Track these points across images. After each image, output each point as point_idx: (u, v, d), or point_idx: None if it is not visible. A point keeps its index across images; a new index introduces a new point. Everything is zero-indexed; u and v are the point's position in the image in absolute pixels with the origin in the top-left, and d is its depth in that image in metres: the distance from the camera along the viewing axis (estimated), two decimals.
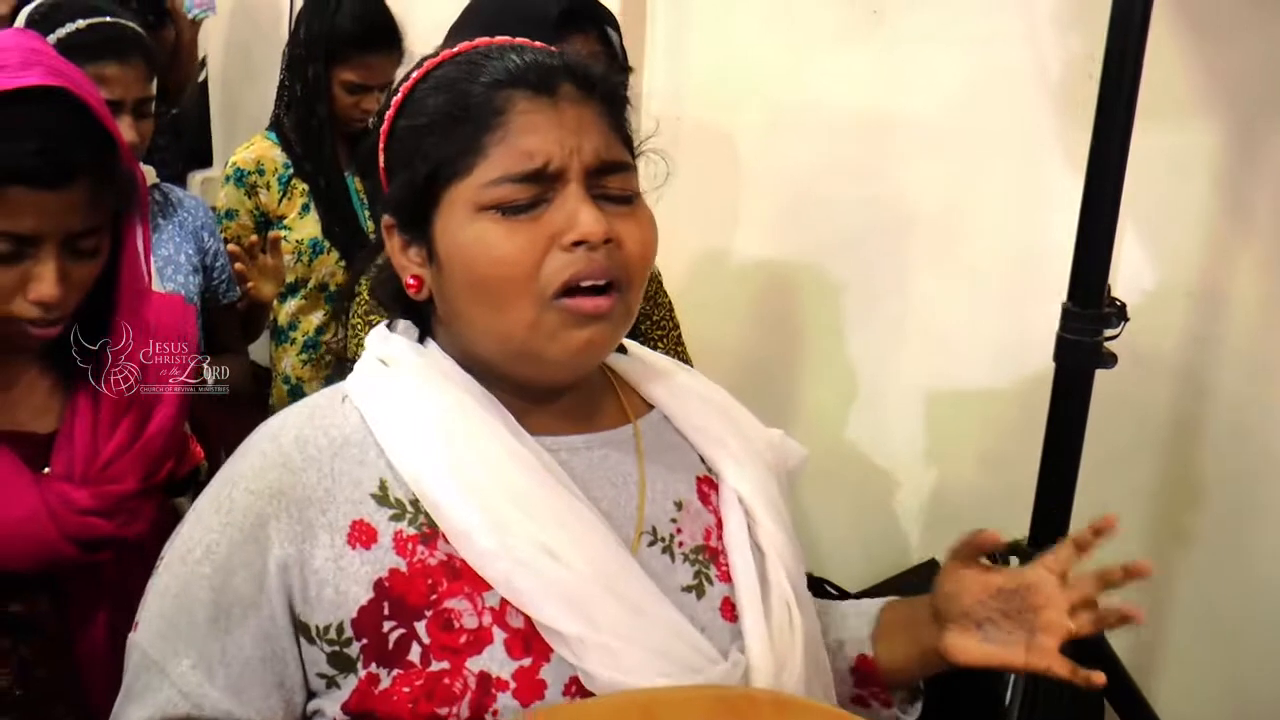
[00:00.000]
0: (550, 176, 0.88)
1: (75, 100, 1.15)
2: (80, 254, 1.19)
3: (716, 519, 1.00)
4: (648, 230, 0.93)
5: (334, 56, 2.38)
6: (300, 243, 2.41)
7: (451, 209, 0.89)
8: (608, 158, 0.90)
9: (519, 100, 0.89)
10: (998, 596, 0.99)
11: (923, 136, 2.13)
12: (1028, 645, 0.97)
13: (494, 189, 0.88)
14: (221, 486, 0.93)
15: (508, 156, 0.87)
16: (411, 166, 0.91)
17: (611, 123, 0.93)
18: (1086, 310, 1.49)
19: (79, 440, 1.23)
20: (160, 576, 0.94)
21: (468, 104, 0.89)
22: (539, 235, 0.87)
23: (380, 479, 0.91)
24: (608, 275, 0.88)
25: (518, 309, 0.88)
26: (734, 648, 0.93)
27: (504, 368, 0.93)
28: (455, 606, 0.87)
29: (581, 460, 0.96)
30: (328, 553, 0.88)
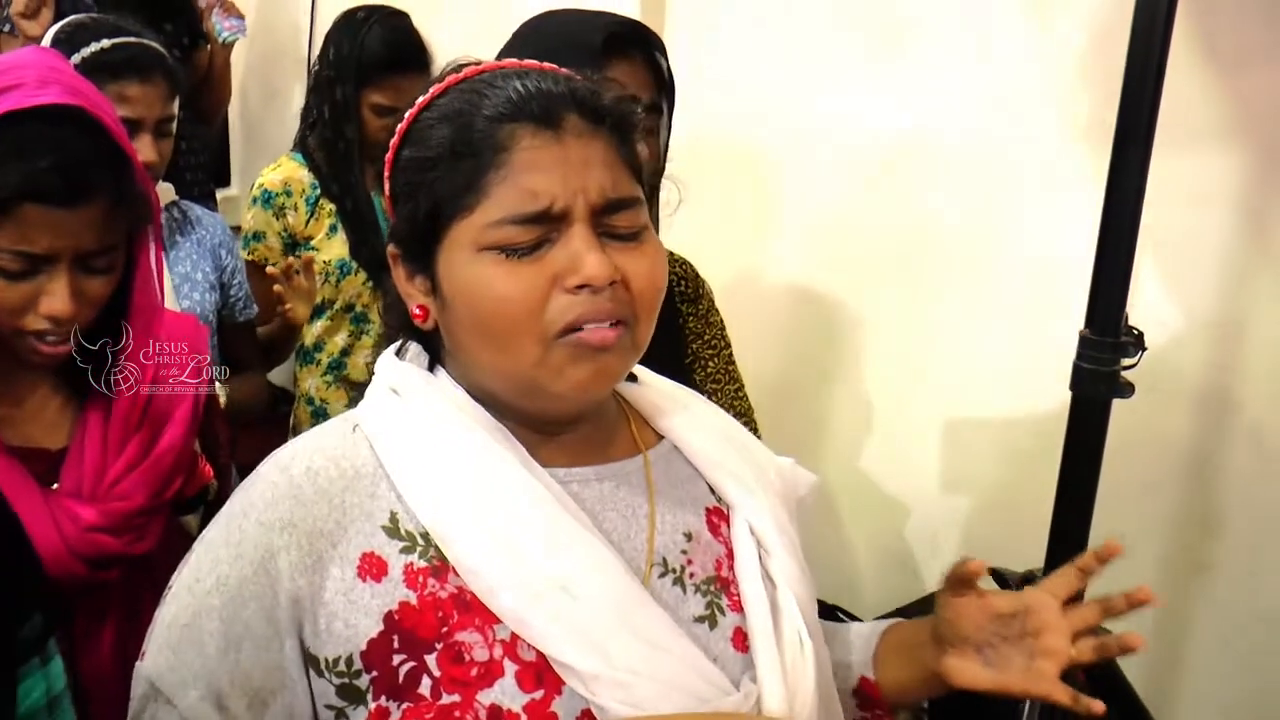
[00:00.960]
0: (554, 217, 0.84)
1: (91, 120, 1.13)
2: (93, 271, 1.17)
3: (727, 549, 0.98)
4: (656, 265, 0.89)
5: (363, 78, 2.35)
6: (328, 263, 2.39)
7: (454, 246, 0.87)
8: (614, 195, 0.87)
9: (522, 136, 0.85)
10: (997, 621, 0.96)
11: (944, 162, 2.09)
12: (1027, 670, 0.95)
13: (496, 230, 0.84)
14: (232, 517, 0.90)
15: (510, 197, 0.84)
16: (414, 200, 0.88)
17: (620, 154, 0.89)
18: (1104, 338, 1.44)
19: (88, 457, 1.22)
20: (168, 606, 0.91)
21: (470, 139, 0.86)
22: (542, 276, 0.84)
23: (391, 511, 0.89)
24: (613, 316, 0.86)
25: (522, 348, 0.85)
26: (745, 678, 0.91)
27: (512, 402, 0.91)
28: (466, 639, 0.85)
29: (592, 492, 0.93)
30: (338, 585, 0.86)
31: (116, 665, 1.22)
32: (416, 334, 0.96)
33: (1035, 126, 1.96)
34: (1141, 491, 1.85)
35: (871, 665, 1.07)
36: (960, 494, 2.16)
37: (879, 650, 1.08)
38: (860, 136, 2.19)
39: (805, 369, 2.37)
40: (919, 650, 1.03)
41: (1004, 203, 2.02)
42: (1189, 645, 1.87)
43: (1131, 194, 1.41)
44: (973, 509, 2.15)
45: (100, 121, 1.13)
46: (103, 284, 1.18)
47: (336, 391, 2.48)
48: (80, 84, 1.16)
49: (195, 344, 1.33)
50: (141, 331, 1.23)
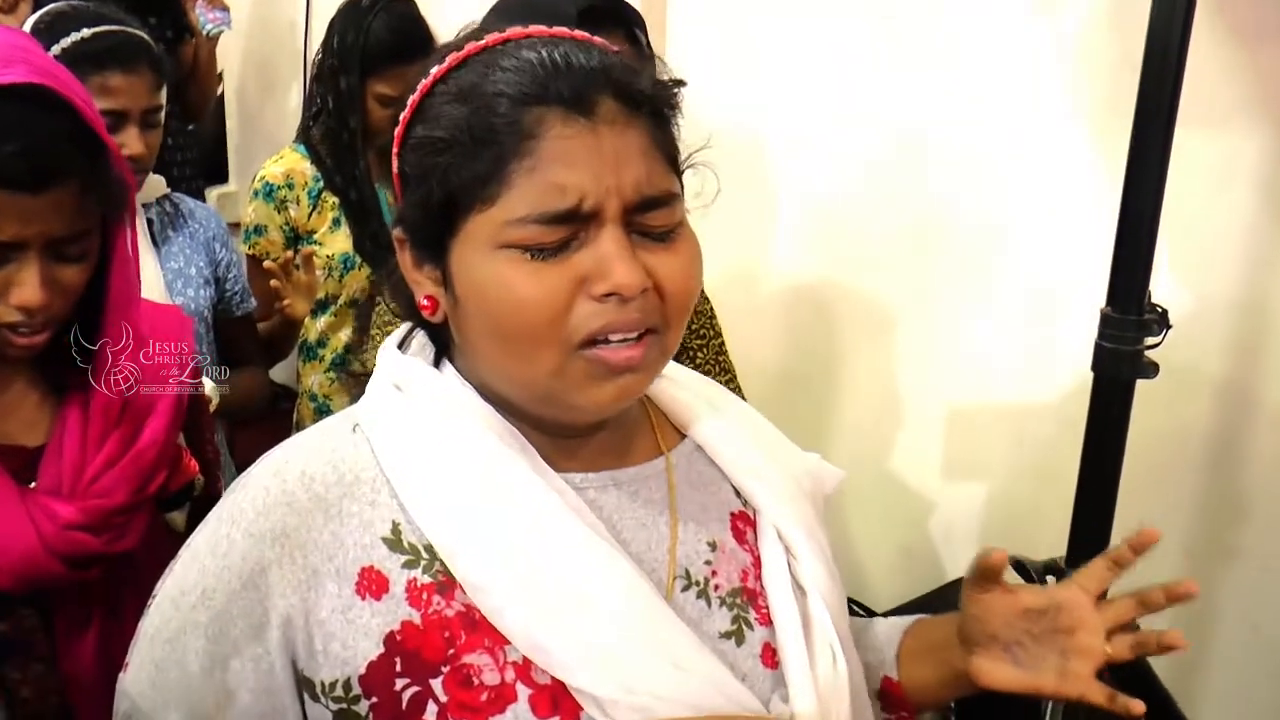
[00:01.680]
0: (583, 216, 0.75)
1: (60, 100, 1.06)
2: (66, 259, 1.10)
3: (753, 557, 0.91)
4: (690, 265, 0.80)
5: (368, 68, 2.28)
6: (331, 258, 2.33)
7: (470, 240, 0.78)
8: (650, 192, 0.77)
9: (551, 122, 0.75)
10: (1026, 617, 0.90)
11: (956, 148, 2.03)
12: (1060, 670, 0.89)
13: (518, 228, 0.75)
14: (219, 525, 0.83)
15: (536, 191, 0.74)
16: (426, 185, 0.79)
17: (657, 145, 0.79)
18: (1126, 316, 1.36)
19: (67, 453, 1.15)
20: (151, 618, 0.85)
21: (492, 122, 0.76)
22: (566, 278, 0.75)
23: (393, 521, 0.81)
24: (641, 327, 0.77)
25: (541, 356, 0.77)
26: (775, 696, 0.85)
27: (525, 408, 0.83)
28: (475, 661, 0.77)
29: (610, 499, 0.86)
30: (334, 603, 0.79)
31: (100, 666, 1.15)
32: (423, 323, 0.88)
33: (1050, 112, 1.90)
34: (1164, 477, 1.79)
35: (894, 665, 1.00)
36: (973, 483, 2.11)
37: (902, 649, 1.01)
38: (868, 124, 2.14)
39: (812, 360, 2.32)
40: (944, 650, 0.96)
41: (1019, 188, 1.97)
42: (1217, 632, 1.81)
43: (1154, 167, 1.35)
44: (986, 498, 2.11)
45: (70, 102, 1.06)
46: (76, 272, 1.12)
47: (340, 388, 2.41)
48: (49, 64, 1.09)
49: (180, 337, 1.25)
50: (119, 322, 1.16)
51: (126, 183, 1.13)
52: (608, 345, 0.76)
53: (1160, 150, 1.34)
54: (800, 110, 2.20)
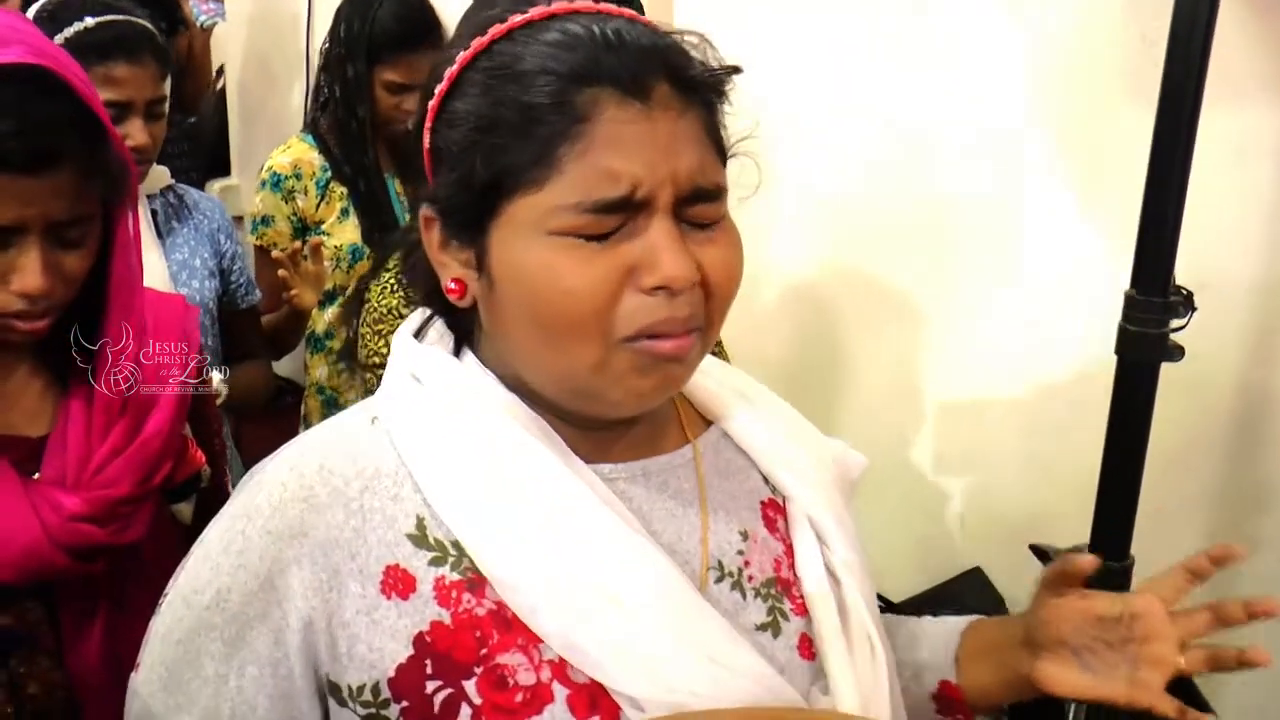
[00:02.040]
0: (635, 205, 0.72)
1: (58, 81, 1.03)
2: (67, 244, 1.07)
3: (785, 546, 0.88)
4: (734, 256, 0.77)
5: (375, 55, 2.26)
6: (339, 249, 2.30)
7: (513, 224, 0.73)
8: (703, 183, 0.74)
9: (605, 105, 0.71)
10: (1099, 624, 0.88)
11: (967, 132, 1.98)
12: (1130, 680, 0.87)
13: (567, 215, 0.71)
14: (234, 521, 0.79)
15: (588, 177, 0.71)
16: (468, 164, 0.74)
17: (708, 133, 0.76)
18: (1151, 298, 1.32)
19: (71, 444, 1.12)
20: (163, 617, 0.81)
21: (542, 101, 0.72)
22: (615, 268, 0.72)
23: (417, 516, 0.77)
24: (689, 324, 0.74)
25: (583, 349, 0.73)
26: (815, 689, 0.82)
27: (557, 401, 0.79)
28: (509, 661, 0.74)
29: (639, 490, 0.82)
30: (359, 604, 0.75)
31: (107, 660, 1.13)
32: (443, 309, 0.84)
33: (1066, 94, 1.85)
34: (1182, 464, 1.74)
35: (953, 668, 0.97)
36: (990, 471, 2.08)
37: (961, 652, 0.97)
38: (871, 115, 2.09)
39: (819, 352, 2.28)
40: (1007, 653, 0.93)
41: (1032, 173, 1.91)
42: None
43: (1180, 147, 1.31)
44: (1002, 486, 2.06)
45: (69, 84, 1.03)
46: (78, 259, 1.09)
47: (349, 380, 2.38)
48: (47, 45, 1.07)
49: (183, 325, 1.22)
50: (122, 310, 1.13)
51: (128, 167, 1.10)
52: (656, 339, 0.73)
53: (1187, 130, 1.30)
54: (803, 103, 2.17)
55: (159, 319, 1.20)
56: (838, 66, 2.11)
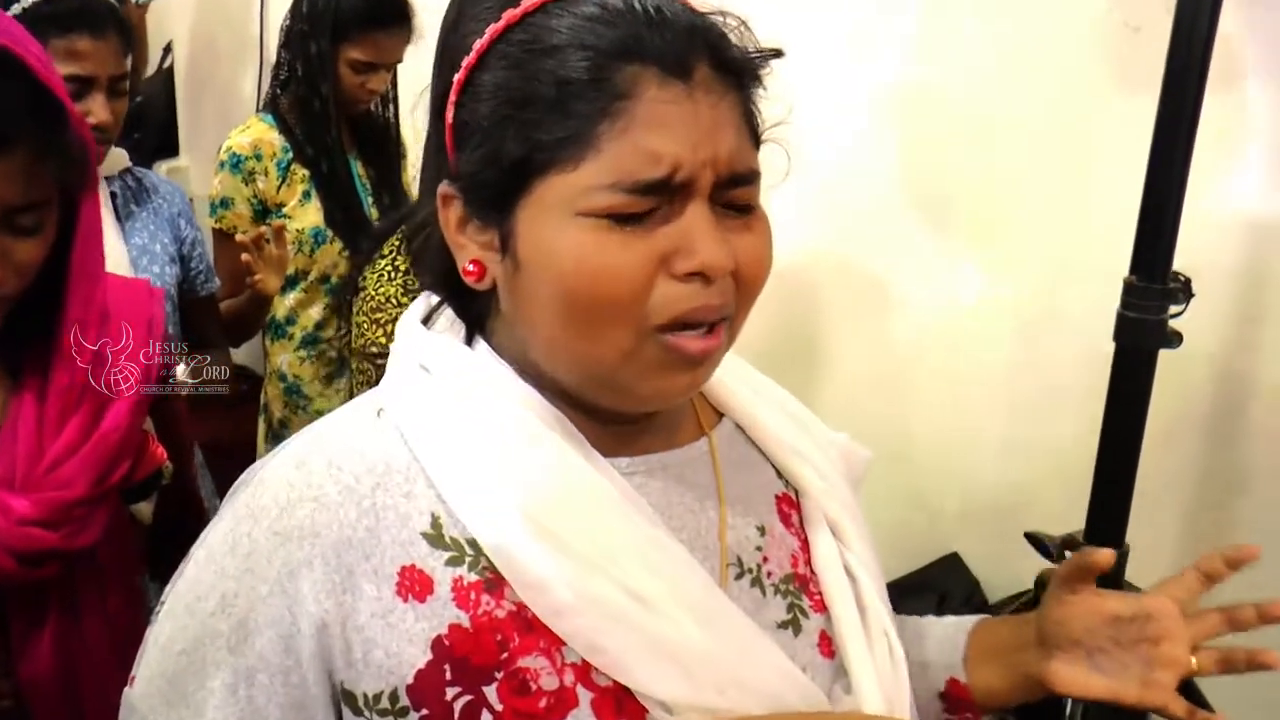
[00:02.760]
0: (674, 188, 0.68)
1: (13, 59, 0.96)
2: (20, 232, 1.00)
3: (801, 541, 0.85)
4: (766, 245, 0.74)
5: (341, 33, 2.17)
6: (301, 232, 2.22)
7: (544, 204, 0.69)
8: (741, 168, 0.71)
9: (647, 83, 0.68)
10: (1112, 624, 0.86)
11: (952, 111, 1.97)
12: (1143, 680, 0.86)
13: (604, 195, 0.68)
14: (238, 523, 0.74)
15: (628, 157, 0.67)
16: (498, 139, 0.70)
17: (745, 116, 0.73)
18: (1151, 285, 1.30)
19: (22, 441, 1.04)
20: (162, 625, 0.75)
21: (579, 76, 0.68)
22: (649, 253, 0.68)
23: (432, 514, 0.73)
24: (721, 314, 0.71)
25: (614, 336, 0.70)
26: (837, 687, 0.80)
27: (579, 391, 0.75)
28: (531, 665, 0.70)
29: (658, 484, 0.78)
30: (374, 607, 0.70)
31: (60, 669, 1.06)
32: (454, 295, 0.79)
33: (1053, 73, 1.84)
34: (1165, 449, 1.73)
35: (962, 667, 0.94)
36: (969, 457, 2.07)
37: (970, 652, 0.95)
38: (865, 87, 2.06)
39: (801, 335, 2.26)
40: (1015, 652, 0.92)
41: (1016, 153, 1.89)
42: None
43: (1182, 135, 1.30)
44: (982, 472, 2.05)
45: (24, 62, 0.96)
46: (32, 247, 1.01)
47: (311, 367, 2.31)
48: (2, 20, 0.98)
49: (148, 313, 1.15)
50: (83, 302, 1.06)
51: (88, 150, 1.03)
52: (685, 333, 0.70)
53: (1190, 118, 1.28)
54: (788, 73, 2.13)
55: (119, 308, 1.13)
56: (821, 53, 2.07)
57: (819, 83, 2.09)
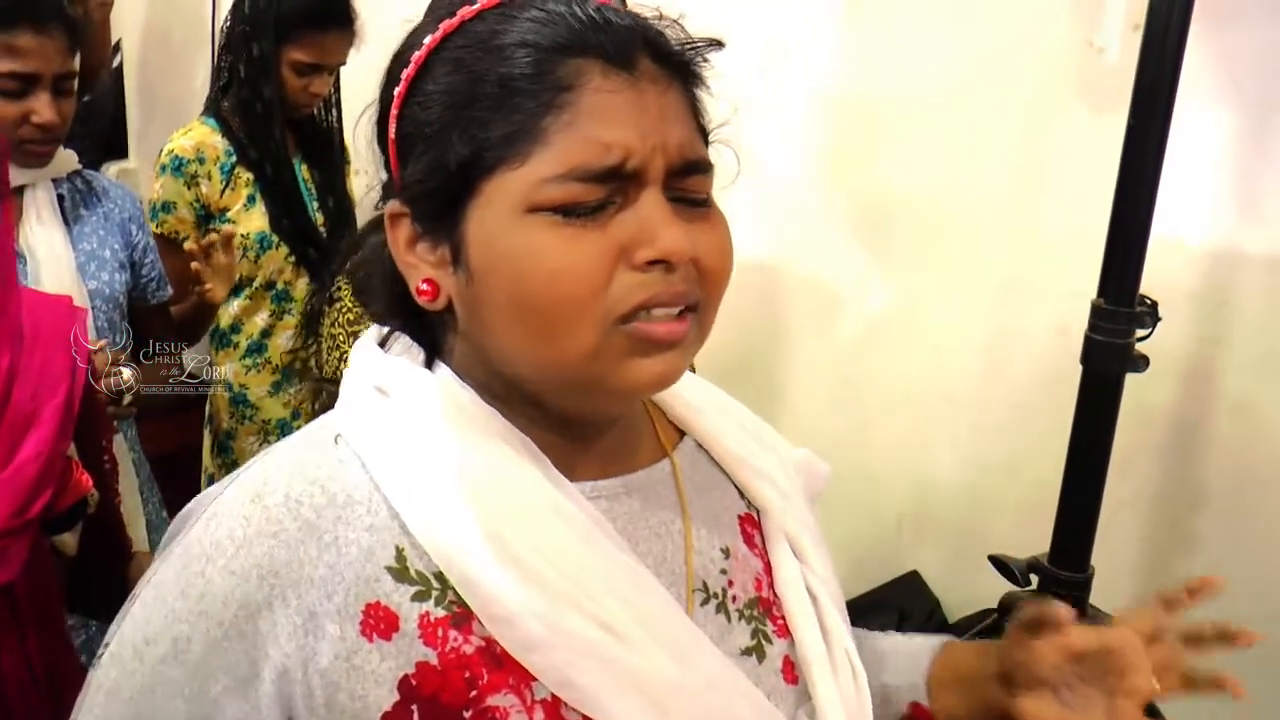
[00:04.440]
0: (626, 176, 0.67)
1: None
2: None
3: (764, 563, 0.84)
4: (726, 239, 0.73)
5: (283, 34, 2.11)
6: (246, 237, 2.16)
7: (492, 205, 0.68)
8: (692, 156, 0.70)
9: (590, 74, 0.67)
10: (1077, 661, 0.85)
11: (908, 121, 1.96)
12: (1108, 710, 0.85)
13: (555, 187, 0.66)
14: (190, 561, 0.70)
15: (576, 147, 0.66)
16: (439, 146, 0.69)
17: (692, 110, 0.73)
18: (1119, 308, 1.31)
19: None
20: (107, 670, 0.71)
21: (522, 72, 0.68)
22: (606, 246, 0.67)
23: (396, 547, 0.70)
24: (686, 300, 0.69)
25: (577, 334, 0.67)
26: (800, 713, 0.79)
27: (547, 397, 0.73)
28: (500, 703, 0.68)
29: (623, 508, 0.77)
30: (337, 648, 0.67)
31: None
32: (407, 320, 0.77)
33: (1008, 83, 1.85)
34: (1127, 463, 1.75)
35: (925, 691, 0.93)
36: (929, 473, 2.06)
37: (933, 677, 0.94)
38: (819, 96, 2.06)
39: (760, 346, 2.24)
40: (980, 685, 0.91)
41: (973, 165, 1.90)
42: None
43: (1151, 158, 1.31)
44: (941, 488, 2.05)
45: None
46: None
47: (257, 376, 2.26)
48: None
49: (68, 329, 1.09)
50: None
51: None
52: (650, 319, 0.68)
53: (1158, 141, 1.30)
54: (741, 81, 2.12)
55: (39, 324, 1.07)
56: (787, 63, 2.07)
57: (781, 95, 2.09)
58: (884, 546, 2.11)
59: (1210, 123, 1.65)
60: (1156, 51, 1.27)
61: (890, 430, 2.08)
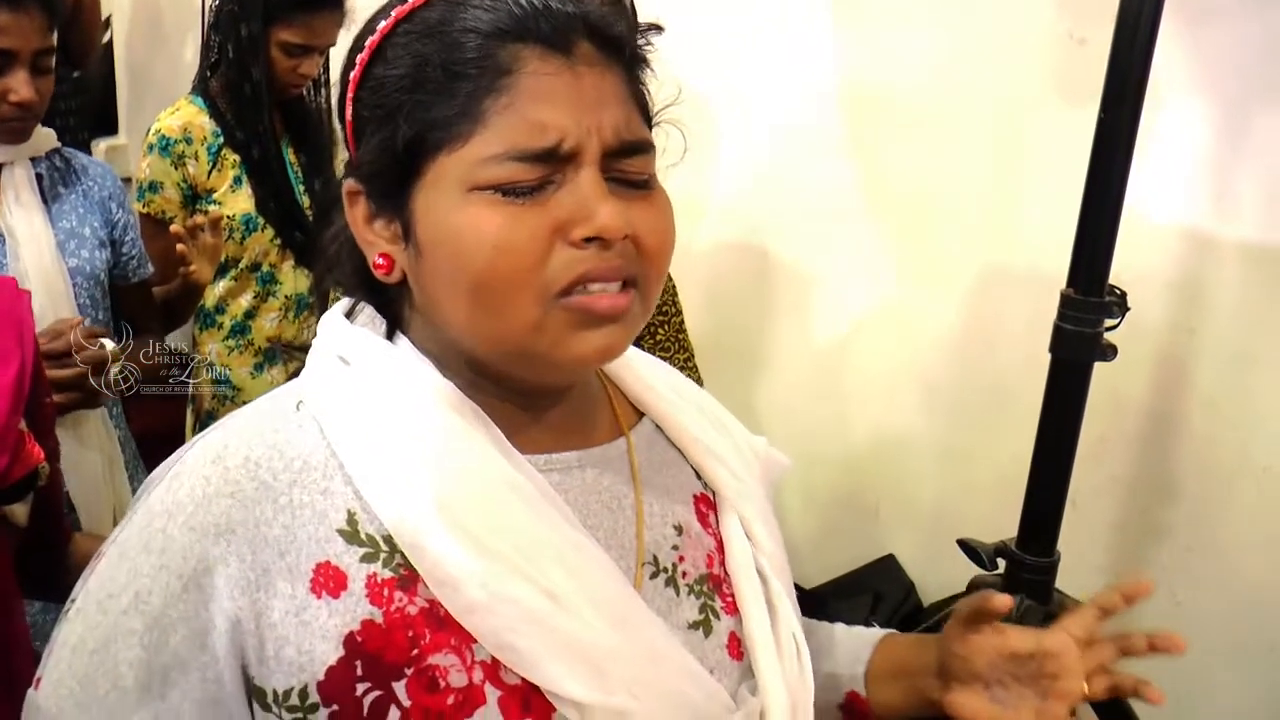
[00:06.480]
0: (562, 157, 0.71)
1: None
2: None
3: (716, 542, 0.88)
4: (666, 219, 0.77)
5: (272, 15, 2.13)
6: (232, 219, 2.19)
7: (437, 184, 0.72)
8: (629, 137, 0.74)
9: (528, 58, 0.71)
10: (1012, 661, 0.90)
11: (891, 113, 1.99)
12: (1038, 711, 0.90)
13: (494, 167, 0.71)
14: (152, 519, 0.74)
15: (514, 129, 0.70)
16: (388, 127, 0.73)
17: (632, 92, 0.76)
18: (1088, 298, 1.34)
19: None
20: (73, 624, 0.75)
21: (464, 56, 0.72)
22: (544, 223, 0.71)
23: (348, 510, 0.73)
24: (623, 275, 0.73)
25: (517, 308, 0.71)
26: (743, 689, 0.82)
27: (496, 369, 0.77)
28: (440, 662, 0.71)
29: (575, 481, 0.80)
30: (288, 604, 0.71)
31: None
32: (370, 293, 0.80)
33: (990, 77, 1.87)
34: (1097, 454, 1.78)
35: (863, 682, 0.99)
36: (904, 459, 2.10)
37: (872, 666, 0.99)
38: (803, 88, 2.08)
39: (737, 332, 2.27)
40: (917, 676, 0.96)
41: (956, 156, 1.93)
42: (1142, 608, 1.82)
43: (1121, 150, 1.33)
44: (916, 474, 2.08)
45: None
46: None
47: (240, 357, 2.28)
48: None
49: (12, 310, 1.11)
50: None
51: None
52: (588, 293, 0.72)
53: (1128, 133, 1.32)
54: (729, 74, 2.14)
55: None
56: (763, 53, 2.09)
57: (764, 85, 2.11)
58: (861, 530, 2.14)
59: (1186, 114, 1.68)
60: (1128, 42, 1.30)
61: (869, 417, 2.11)
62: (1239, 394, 1.72)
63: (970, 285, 1.94)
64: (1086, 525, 1.81)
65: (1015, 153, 1.85)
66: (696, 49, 2.15)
